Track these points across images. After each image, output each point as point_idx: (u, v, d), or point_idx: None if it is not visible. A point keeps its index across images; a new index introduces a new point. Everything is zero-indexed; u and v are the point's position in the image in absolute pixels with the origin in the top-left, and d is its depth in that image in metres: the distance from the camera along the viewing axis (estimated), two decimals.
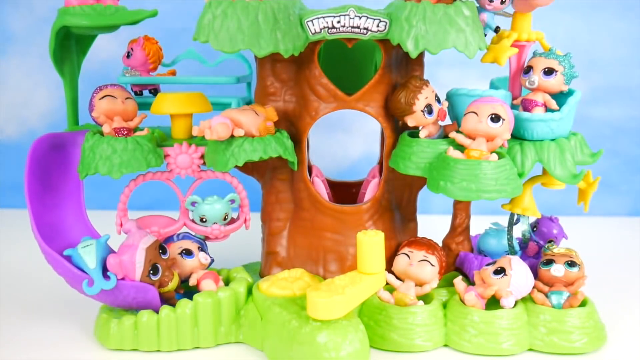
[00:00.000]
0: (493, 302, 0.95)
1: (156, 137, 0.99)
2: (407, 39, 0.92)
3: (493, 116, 0.92)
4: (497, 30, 1.00)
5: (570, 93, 0.99)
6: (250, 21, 0.90)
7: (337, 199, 1.09)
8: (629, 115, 1.65)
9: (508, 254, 1.03)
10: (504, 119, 0.93)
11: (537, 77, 0.98)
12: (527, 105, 0.99)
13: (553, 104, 0.98)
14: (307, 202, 1.04)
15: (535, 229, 1.10)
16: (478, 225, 1.16)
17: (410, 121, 0.98)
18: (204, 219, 1.01)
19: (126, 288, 0.91)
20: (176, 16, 1.52)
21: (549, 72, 0.98)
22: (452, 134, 0.95)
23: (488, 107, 0.93)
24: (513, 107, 1.01)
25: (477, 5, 0.99)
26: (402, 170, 0.98)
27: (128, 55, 1.12)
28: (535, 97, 0.99)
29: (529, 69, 0.99)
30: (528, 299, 0.96)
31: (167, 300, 0.96)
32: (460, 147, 0.95)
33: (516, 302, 0.95)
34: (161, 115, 1.02)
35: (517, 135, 0.99)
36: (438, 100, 0.99)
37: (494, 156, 0.93)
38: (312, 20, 0.94)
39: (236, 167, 0.95)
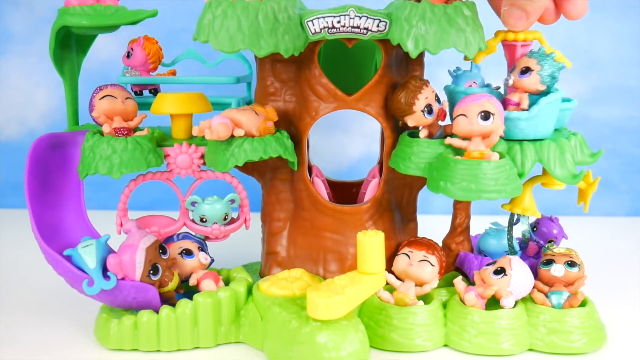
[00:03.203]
0: (493, 302, 0.95)
1: (156, 137, 0.99)
2: (407, 39, 0.92)
3: (483, 114, 0.92)
4: None
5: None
6: (250, 21, 0.90)
7: (337, 199, 1.09)
8: (629, 115, 1.65)
9: (508, 254, 1.03)
10: (493, 114, 0.92)
11: (513, 75, 0.97)
12: (504, 104, 0.98)
13: (524, 103, 0.96)
14: (307, 202, 1.04)
15: (535, 229, 1.10)
16: (478, 225, 1.16)
17: (410, 121, 0.98)
18: (204, 219, 1.01)
19: (126, 288, 0.91)
20: (176, 16, 1.52)
21: (524, 71, 0.96)
22: (447, 140, 0.94)
23: (475, 107, 0.92)
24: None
25: None
26: (402, 171, 0.98)
27: (128, 55, 1.12)
28: (512, 97, 0.98)
29: (513, 68, 0.99)
30: (528, 299, 0.96)
31: (167, 300, 0.96)
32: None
33: (516, 302, 0.95)
34: (161, 115, 1.02)
35: None
36: (438, 100, 0.99)
37: (495, 155, 0.92)
38: (312, 20, 0.94)
39: (236, 167, 0.95)
